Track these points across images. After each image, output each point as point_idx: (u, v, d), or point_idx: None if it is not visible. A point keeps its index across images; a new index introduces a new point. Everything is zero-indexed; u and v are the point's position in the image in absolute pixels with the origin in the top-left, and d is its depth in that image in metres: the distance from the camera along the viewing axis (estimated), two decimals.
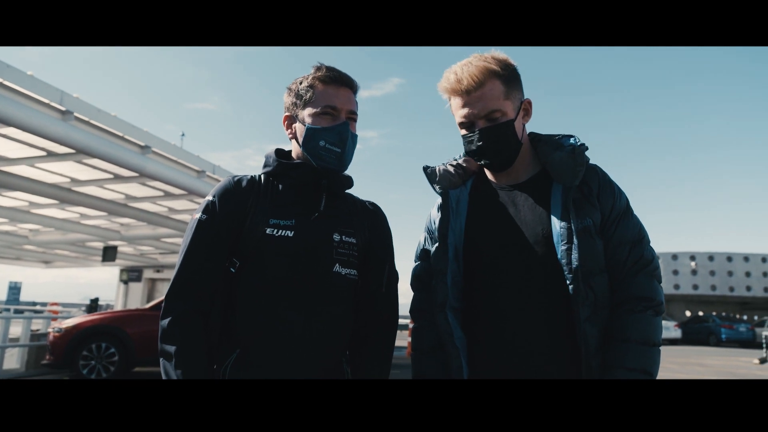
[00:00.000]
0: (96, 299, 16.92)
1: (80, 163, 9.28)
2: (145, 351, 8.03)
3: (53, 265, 25.14)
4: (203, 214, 1.42)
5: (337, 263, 1.44)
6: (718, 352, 19.33)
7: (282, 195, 1.47)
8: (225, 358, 1.37)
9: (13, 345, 9.09)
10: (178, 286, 1.37)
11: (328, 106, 1.45)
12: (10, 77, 6.33)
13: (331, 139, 1.45)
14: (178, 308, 1.34)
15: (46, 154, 8.63)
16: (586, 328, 1.31)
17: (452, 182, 1.54)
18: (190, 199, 12.12)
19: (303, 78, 1.50)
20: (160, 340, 1.33)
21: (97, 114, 7.79)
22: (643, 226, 1.44)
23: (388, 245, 1.61)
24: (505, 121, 1.40)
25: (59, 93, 7.06)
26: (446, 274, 1.44)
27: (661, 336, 1.35)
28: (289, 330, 1.36)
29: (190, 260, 1.38)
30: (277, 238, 1.39)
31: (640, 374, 1.27)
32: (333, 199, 1.50)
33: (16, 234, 16.03)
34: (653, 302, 1.34)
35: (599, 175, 1.45)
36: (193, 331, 1.34)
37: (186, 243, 1.40)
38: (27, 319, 9.32)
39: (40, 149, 8.41)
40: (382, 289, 1.55)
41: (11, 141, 7.94)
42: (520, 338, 1.36)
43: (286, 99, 1.53)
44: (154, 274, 21.64)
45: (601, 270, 1.36)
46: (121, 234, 15.90)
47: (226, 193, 1.44)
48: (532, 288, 1.37)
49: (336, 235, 1.46)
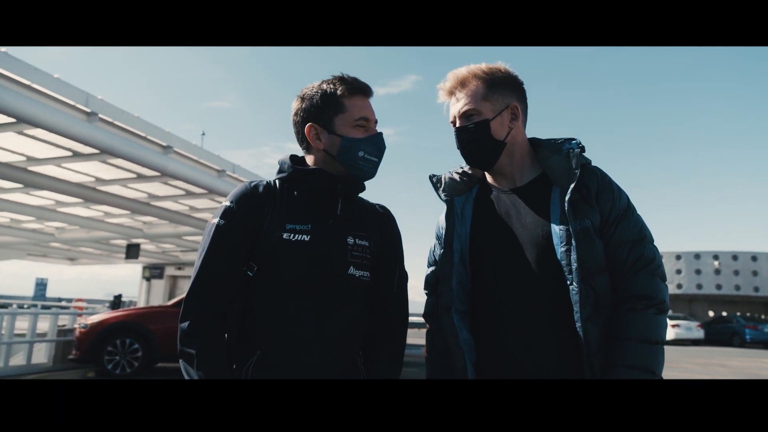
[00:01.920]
0: (119, 296, 17.29)
1: (105, 162, 9.49)
2: (167, 347, 8.19)
3: (78, 262, 25.70)
4: (221, 218, 1.44)
5: (352, 266, 1.49)
6: (742, 353, 18.94)
7: (298, 200, 1.50)
8: (246, 359, 1.41)
9: (41, 340, 9.34)
10: (197, 288, 1.40)
11: (362, 118, 1.50)
12: (37, 80, 6.51)
13: (370, 149, 1.51)
14: (198, 310, 1.37)
15: (71, 154, 8.84)
16: (587, 327, 1.33)
17: (457, 189, 1.58)
18: (211, 198, 12.30)
19: (321, 87, 1.52)
20: (180, 342, 1.36)
21: (121, 115, 7.97)
22: (645, 225, 1.45)
23: (399, 247, 1.66)
24: (478, 121, 1.46)
25: (84, 95, 7.24)
26: (451, 278, 1.49)
27: (665, 334, 1.36)
28: (305, 332, 1.40)
29: (209, 264, 1.41)
30: (294, 242, 1.42)
31: (642, 372, 1.28)
32: (347, 204, 1.54)
33: (43, 232, 16.43)
34: (655, 300, 1.35)
35: (598, 176, 1.46)
36: (213, 333, 1.38)
37: (204, 247, 1.43)
38: (54, 315, 9.55)
39: (66, 149, 8.62)
40: (393, 290, 1.60)
41: (39, 141, 8.15)
42: (522, 339, 1.40)
43: (301, 106, 1.53)
44: (175, 271, 22.01)
45: (601, 270, 1.38)
46: (144, 232, 16.21)
47: (244, 198, 1.47)
48: (533, 289, 1.41)
49: (350, 239, 1.51)
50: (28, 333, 9.06)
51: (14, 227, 15.22)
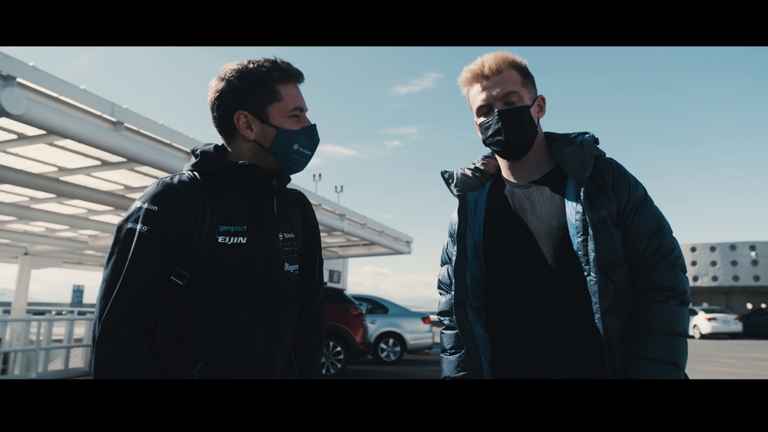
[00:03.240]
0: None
1: (132, 171, 9.70)
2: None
3: None
4: (143, 224, 1.27)
5: (286, 262, 1.43)
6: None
7: (228, 197, 1.38)
8: (185, 372, 1.29)
9: (77, 345, 9.63)
10: (120, 306, 1.23)
11: (297, 108, 1.40)
12: (64, 92, 6.68)
13: (304, 142, 1.42)
14: (124, 331, 1.22)
15: (100, 163, 9.06)
16: (606, 319, 1.30)
17: (470, 185, 1.57)
18: None
19: (251, 69, 1.39)
20: (102, 369, 1.21)
21: (146, 123, 8.12)
22: (663, 216, 1.42)
23: (318, 233, 1.63)
24: (522, 105, 1.45)
25: (110, 105, 7.41)
26: (465, 273, 1.48)
27: (687, 326, 1.31)
28: (249, 335, 1.33)
29: (133, 277, 1.24)
30: (231, 246, 1.33)
31: (664, 365, 1.24)
32: (279, 200, 1.48)
33: (77, 240, 16.89)
34: (676, 291, 1.31)
35: (613, 167, 1.44)
36: (144, 354, 1.24)
37: (126, 257, 1.25)
38: (90, 321, 9.83)
39: (95, 159, 8.84)
40: (316, 277, 1.60)
41: (69, 152, 8.38)
42: (540, 333, 1.37)
43: (226, 89, 1.38)
44: None
45: (619, 261, 1.36)
46: None
47: (168, 199, 1.30)
48: (551, 282, 1.38)
49: (280, 234, 1.44)
50: (65, 338, 9.34)
51: (50, 236, 15.70)
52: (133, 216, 1.29)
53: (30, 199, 11.57)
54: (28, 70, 6.16)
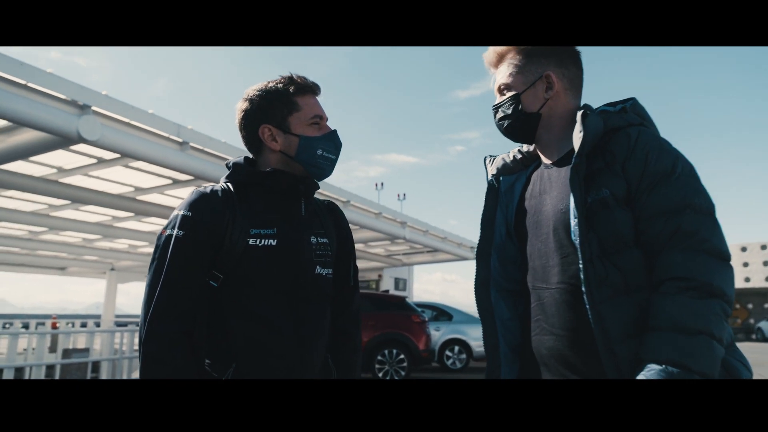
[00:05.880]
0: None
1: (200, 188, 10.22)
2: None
3: None
4: (179, 229, 1.35)
5: (318, 265, 1.48)
6: None
7: (258, 203, 1.45)
8: (220, 373, 1.35)
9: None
10: (163, 309, 1.30)
11: (316, 116, 1.49)
12: (134, 117, 7.16)
13: (327, 147, 1.50)
14: (167, 332, 1.29)
15: (171, 182, 9.61)
16: (601, 310, 1.16)
17: (508, 168, 1.54)
18: None
19: (270, 87, 1.49)
20: (148, 369, 1.27)
21: (209, 141, 8.53)
22: (698, 190, 1.19)
23: (352, 241, 1.68)
24: (509, 95, 1.41)
25: (176, 126, 7.84)
26: (490, 255, 1.45)
27: (715, 323, 1.08)
28: (283, 337, 1.38)
29: (172, 280, 1.31)
30: (261, 248, 1.39)
31: (671, 369, 1.05)
32: (308, 204, 1.54)
33: None
34: (693, 282, 1.09)
35: (630, 139, 1.25)
36: (185, 354, 1.30)
37: (164, 261, 1.33)
38: None
39: (167, 178, 9.38)
40: (351, 283, 1.64)
41: (143, 173, 8.95)
42: (549, 323, 1.31)
43: (250, 108, 1.48)
44: None
45: (626, 245, 1.19)
46: None
47: (202, 206, 1.39)
48: (554, 268, 1.30)
49: (313, 238, 1.50)
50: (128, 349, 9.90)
51: (132, 252, 16.77)
52: (171, 223, 1.38)
53: (112, 218, 12.43)
54: (101, 98, 6.66)
